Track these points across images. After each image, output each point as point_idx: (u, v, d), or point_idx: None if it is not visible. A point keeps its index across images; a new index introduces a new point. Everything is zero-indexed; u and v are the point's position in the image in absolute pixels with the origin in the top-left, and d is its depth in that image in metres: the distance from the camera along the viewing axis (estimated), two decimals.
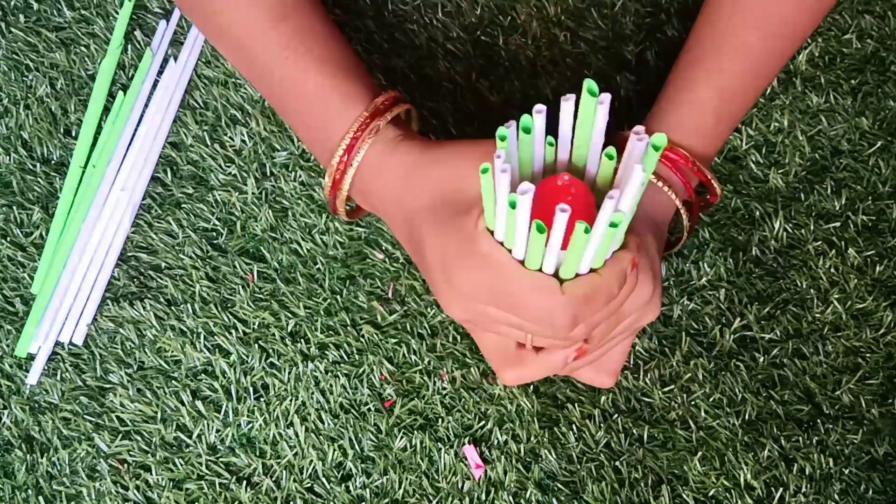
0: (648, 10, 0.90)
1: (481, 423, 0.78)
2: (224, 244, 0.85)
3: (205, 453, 0.78)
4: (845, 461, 0.77)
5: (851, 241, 0.83)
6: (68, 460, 0.78)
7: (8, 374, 0.81)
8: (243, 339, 0.81)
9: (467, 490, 0.77)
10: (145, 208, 0.86)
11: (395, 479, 0.77)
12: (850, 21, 0.90)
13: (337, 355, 0.81)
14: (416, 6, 0.93)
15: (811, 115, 0.87)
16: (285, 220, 0.85)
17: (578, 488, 0.76)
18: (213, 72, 0.91)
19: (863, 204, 0.84)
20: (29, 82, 0.91)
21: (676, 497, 0.76)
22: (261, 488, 0.77)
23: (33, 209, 0.86)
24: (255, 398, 0.80)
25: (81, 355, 0.82)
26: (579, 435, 0.78)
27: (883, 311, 0.81)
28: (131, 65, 0.92)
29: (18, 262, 0.85)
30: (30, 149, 0.89)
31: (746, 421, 0.78)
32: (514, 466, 0.77)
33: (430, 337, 0.81)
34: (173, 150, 0.88)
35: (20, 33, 0.93)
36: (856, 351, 0.80)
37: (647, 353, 0.80)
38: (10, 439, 0.79)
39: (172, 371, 0.81)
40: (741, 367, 0.79)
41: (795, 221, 0.84)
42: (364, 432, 0.78)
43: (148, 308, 0.82)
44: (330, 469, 0.78)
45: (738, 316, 0.81)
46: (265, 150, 0.88)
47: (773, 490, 0.76)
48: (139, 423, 0.79)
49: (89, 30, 0.93)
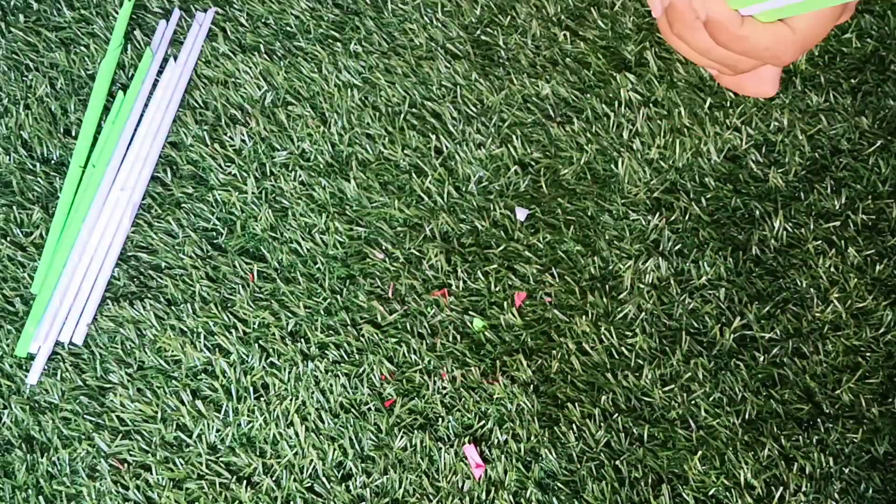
0: (648, 10, 0.90)
1: (481, 423, 0.78)
2: (224, 244, 0.85)
3: (205, 453, 0.78)
4: (845, 460, 0.77)
5: (851, 241, 0.83)
6: (68, 460, 0.78)
7: (8, 373, 0.81)
8: (243, 339, 0.81)
9: (467, 489, 0.76)
10: (145, 208, 0.86)
11: (396, 479, 0.77)
12: (850, 20, 0.90)
13: (337, 355, 0.81)
14: (416, 5, 0.93)
15: (811, 115, 0.87)
16: (285, 219, 0.85)
17: (578, 487, 0.76)
18: (213, 71, 0.91)
19: (863, 203, 0.84)
20: (29, 82, 0.91)
21: (676, 496, 0.76)
22: (261, 488, 0.77)
23: (33, 209, 0.86)
24: (255, 398, 0.80)
25: (81, 355, 0.82)
26: (579, 434, 0.78)
27: (883, 310, 0.81)
28: (131, 64, 0.92)
29: (18, 261, 0.85)
30: (30, 148, 0.89)
31: (746, 420, 0.78)
32: (514, 466, 0.77)
33: (430, 336, 0.81)
34: (173, 150, 0.88)
35: (20, 33, 0.93)
36: (856, 350, 0.80)
37: (647, 353, 0.80)
38: (11, 439, 0.79)
39: (172, 371, 0.81)
40: (741, 367, 0.79)
41: (795, 221, 0.84)
42: (364, 432, 0.78)
43: (148, 308, 0.82)
44: (330, 468, 0.78)
45: (738, 315, 0.81)
46: (265, 150, 0.88)
47: (773, 489, 0.76)
48: (139, 423, 0.79)
49: (89, 29, 0.93)
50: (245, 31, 0.93)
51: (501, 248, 0.84)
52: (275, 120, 0.88)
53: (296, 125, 0.89)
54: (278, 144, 0.88)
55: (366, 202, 0.86)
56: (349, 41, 0.92)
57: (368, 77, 0.90)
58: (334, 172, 0.87)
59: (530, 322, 0.81)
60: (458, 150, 0.87)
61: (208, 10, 0.94)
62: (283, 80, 0.90)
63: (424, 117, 0.88)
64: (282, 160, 0.87)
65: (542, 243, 0.84)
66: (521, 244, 0.84)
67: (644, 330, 0.81)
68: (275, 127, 0.88)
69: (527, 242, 0.84)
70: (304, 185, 0.86)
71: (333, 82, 0.90)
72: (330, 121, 0.89)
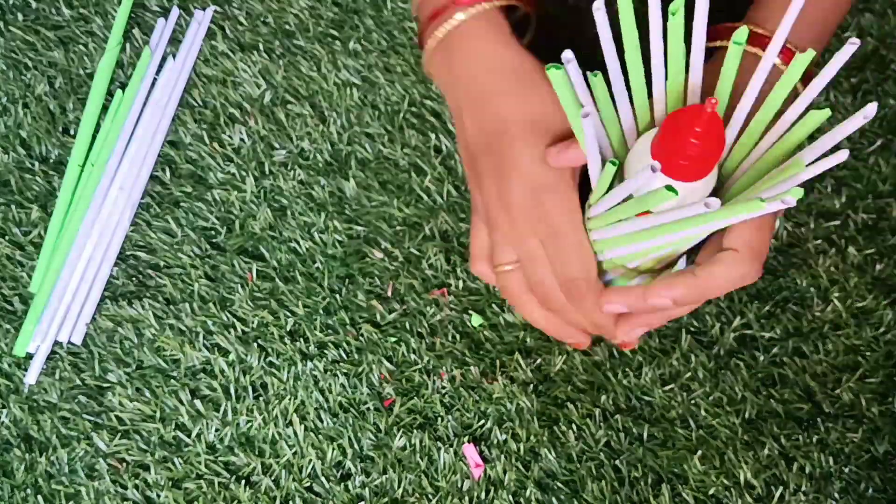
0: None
1: (481, 422, 0.78)
2: (223, 243, 0.85)
3: (204, 452, 0.78)
4: (845, 460, 0.77)
5: (851, 240, 0.83)
6: (67, 459, 0.78)
7: (6, 373, 0.81)
8: (242, 338, 0.81)
9: (467, 489, 0.76)
10: (144, 207, 0.86)
11: (395, 478, 0.77)
12: (850, 19, 0.90)
13: (336, 354, 0.81)
14: None
15: None
16: (284, 218, 0.85)
17: (578, 487, 0.76)
18: (212, 70, 0.91)
19: (863, 202, 0.84)
20: (27, 81, 0.91)
21: (676, 496, 0.76)
22: (260, 487, 0.77)
23: (32, 208, 0.86)
24: (254, 397, 0.80)
25: (80, 354, 0.82)
26: (579, 434, 0.78)
27: (883, 309, 0.81)
28: (130, 63, 0.91)
29: (17, 260, 0.85)
30: (28, 147, 0.88)
31: (746, 419, 0.78)
32: (513, 465, 0.77)
33: (430, 336, 0.81)
34: (172, 149, 0.88)
35: (18, 32, 0.93)
36: (856, 349, 0.80)
37: (647, 352, 0.80)
38: (9, 438, 0.79)
39: (171, 370, 0.81)
40: (741, 366, 0.79)
41: (795, 220, 0.84)
42: (363, 431, 0.78)
43: (147, 307, 0.82)
44: (329, 468, 0.77)
45: (738, 314, 0.81)
46: (264, 149, 0.87)
47: (773, 489, 0.76)
48: (138, 423, 0.79)
49: (88, 28, 0.93)
50: (244, 30, 0.93)
51: None
52: (273, 119, 0.88)
53: (295, 124, 0.88)
54: (277, 143, 0.87)
55: (365, 201, 0.85)
56: (348, 40, 0.92)
57: (368, 76, 0.90)
58: (333, 171, 0.87)
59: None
60: (457, 148, 0.87)
61: (207, 9, 0.93)
62: (282, 78, 0.90)
63: (424, 116, 0.88)
64: (280, 159, 0.87)
65: None
66: None
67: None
68: (273, 126, 0.88)
69: None
70: (303, 184, 0.86)
71: (332, 81, 0.90)
72: (329, 119, 0.88)
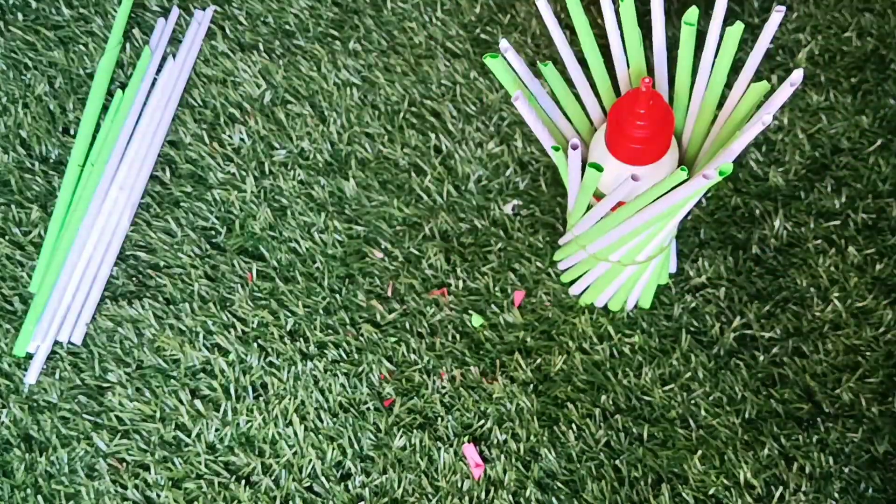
0: (648, 10, 0.90)
1: (481, 422, 0.78)
2: (223, 243, 0.85)
3: (204, 452, 0.78)
4: (845, 459, 0.77)
5: (851, 240, 0.83)
6: (67, 459, 0.78)
7: (6, 373, 0.81)
8: (242, 338, 0.81)
9: (467, 489, 0.76)
10: (144, 207, 0.86)
11: (395, 478, 0.77)
12: (850, 19, 0.90)
13: (336, 354, 0.81)
14: (415, 4, 0.93)
15: (811, 114, 0.87)
16: (284, 218, 0.85)
17: (578, 487, 0.76)
18: (212, 70, 0.91)
19: (863, 202, 0.84)
20: (27, 81, 0.91)
21: (676, 496, 0.76)
22: (260, 487, 0.77)
23: (32, 208, 0.86)
24: (254, 397, 0.80)
25: (80, 354, 0.82)
26: (579, 434, 0.78)
27: (883, 309, 0.81)
28: (130, 63, 0.91)
29: (17, 260, 0.85)
30: (28, 147, 0.88)
31: (746, 419, 0.78)
32: (513, 465, 0.77)
33: (430, 336, 0.81)
34: (172, 149, 0.88)
35: (19, 32, 0.93)
36: (856, 349, 0.80)
37: (647, 352, 0.80)
38: (9, 438, 0.79)
39: (171, 370, 0.81)
40: (741, 366, 0.79)
41: (795, 220, 0.84)
42: (363, 431, 0.78)
43: (147, 307, 0.82)
44: (329, 468, 0.77)
45: (738, 314, 0.81)
46: (264, 149, 0.87)
47: (772, 488, 0.76)
48: (138, 423, 0.79)
49: (88, 28, 0.93)
50: (244, 30, 0.93)
51: (501, 247, 0.83)
52: (273, 118, 0.88)
53: (295, 124, 0.88)
54: (277, 143, 0.87)
55: (365, 201, 0.85)
56: (348, 39, 0.92)
57: (367, 75, 0.90)
58: (333, 171, 0.87)
59: (530, 321, 0.81)
60: (457, 148, 0.87)
61: (207, 9, 0.93)
62: (282, 78, 0.90)
63: (424, 116, 0.88)
64: (280, 159, 0.87)
65: (542, 242, 0.83)
66: (521, 243, 0.83)
67: (644, 329, 0.80)
68: (273, 125, 0.88)
69: (526, 242, 0.84)
70: (303, 184, 0.86)
71: (332, 81, 0.90)
72: (329, 119, 0.88)
